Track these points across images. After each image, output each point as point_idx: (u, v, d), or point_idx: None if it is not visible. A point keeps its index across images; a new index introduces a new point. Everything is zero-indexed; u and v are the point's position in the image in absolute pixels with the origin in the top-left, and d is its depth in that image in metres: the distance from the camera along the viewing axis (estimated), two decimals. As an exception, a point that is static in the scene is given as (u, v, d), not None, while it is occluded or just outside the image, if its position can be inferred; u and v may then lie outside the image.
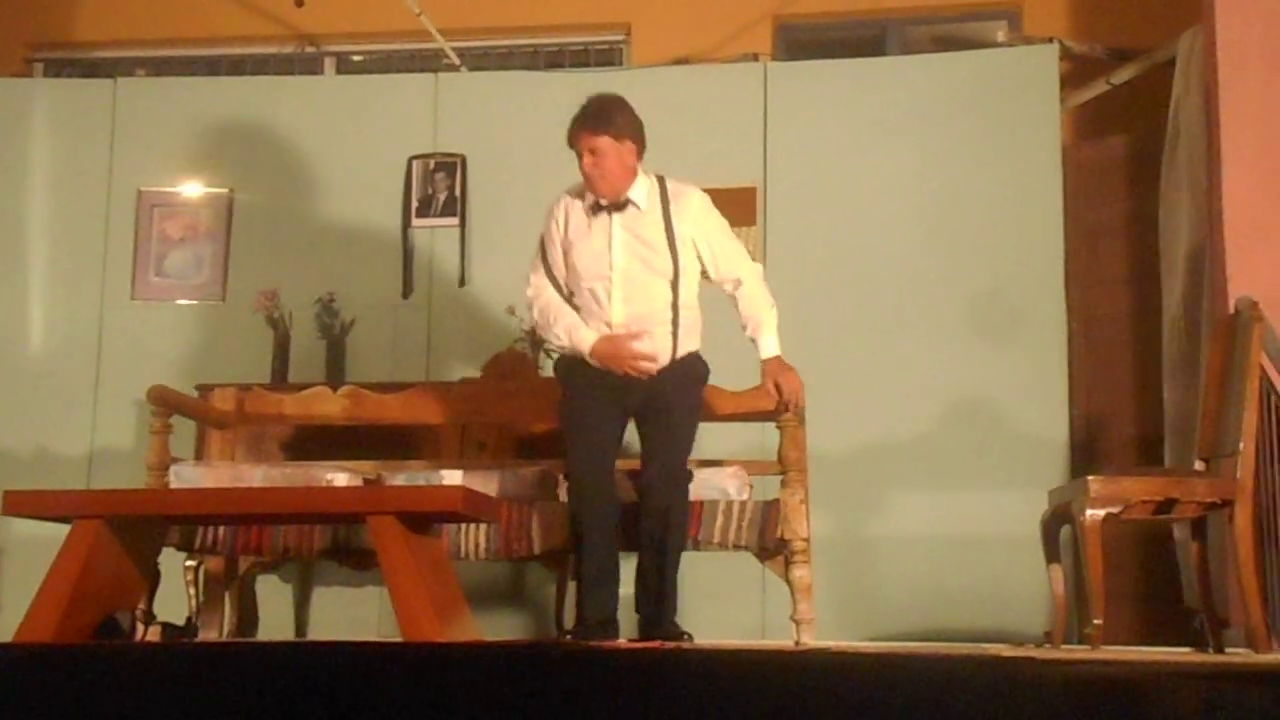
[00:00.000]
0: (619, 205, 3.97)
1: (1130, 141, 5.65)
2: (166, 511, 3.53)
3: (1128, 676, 2.22)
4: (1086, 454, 5.43)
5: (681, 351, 4.01)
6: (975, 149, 5.65)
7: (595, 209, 3.98)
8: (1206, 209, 4.98)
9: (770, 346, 4.09)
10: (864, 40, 6.32)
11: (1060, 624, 4.25)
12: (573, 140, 3.96)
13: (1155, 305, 5.41)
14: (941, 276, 5.60)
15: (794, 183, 5.77)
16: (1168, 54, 5.38)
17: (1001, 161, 5.61)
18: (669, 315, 3.98)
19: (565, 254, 4.02)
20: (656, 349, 3.95)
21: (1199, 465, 4.15)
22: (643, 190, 3.98)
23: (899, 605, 5.31)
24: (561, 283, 4.05)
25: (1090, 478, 3.95)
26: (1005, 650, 3.70)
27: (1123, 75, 5.69)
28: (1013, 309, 5.47)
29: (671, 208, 4.00)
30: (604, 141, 3.91)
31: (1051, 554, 4.26)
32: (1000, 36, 5.92)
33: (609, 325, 3.94)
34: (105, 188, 5.92)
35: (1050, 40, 5.75)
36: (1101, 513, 3.88)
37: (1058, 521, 4.23)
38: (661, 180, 4.05)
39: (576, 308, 4.01)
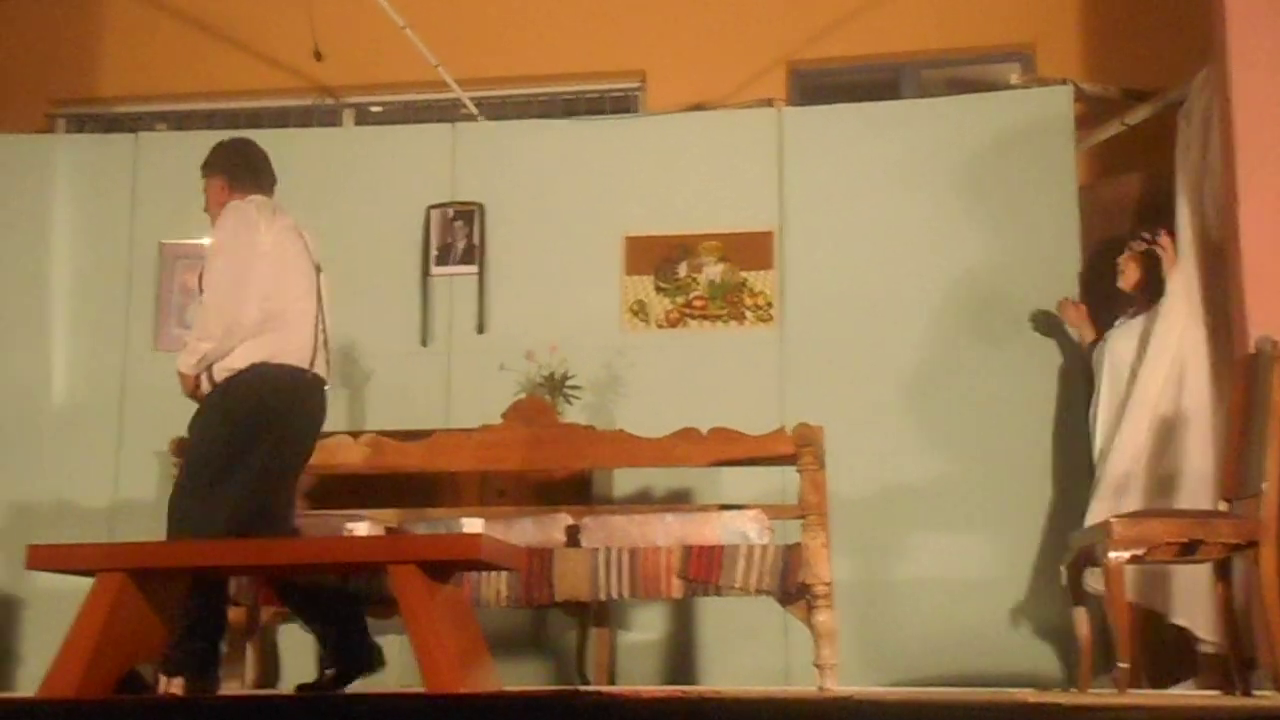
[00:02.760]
0: None
1: (1146, 179, 5.66)
2: (189, 563, 3.54)
3: (1156, 722, 2.21)
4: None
5: (206, 386, 3.96)
6: (992, 190, 5.68)
7: None
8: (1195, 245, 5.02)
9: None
10: (878, 84, 6.37)
11: (1086, 668, 4.22)
12: None
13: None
14: (959, 317, 5.61)
15: (811, 226, 5.80)
16: (1181, 94, 5.40)
17: (1018, 202, 5.63)
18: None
19: None
20: None
21: (1222, 506, 4.13)
22: None
23: (922, 649, 5.28)
24: None
25: (1114, 519, 3.93)
26: (1031, 695, 3.68)
27: (1137, 116, 5.72)
28: (1035, 349, 5.47)
29: None
30: (204, 184, 4.20)
31: (1077, 597, 4.24)
32: (1014, 79, 5.95)
33: None
34: (128, 241, 5.98)
35: (1064, 82, 5.79)
36: (1126, 554, 3.86)
37: (1082, 564, 4.22)
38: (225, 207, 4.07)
39: None
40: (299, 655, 5.47)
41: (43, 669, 3.44)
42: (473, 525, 3.88)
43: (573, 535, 4.52)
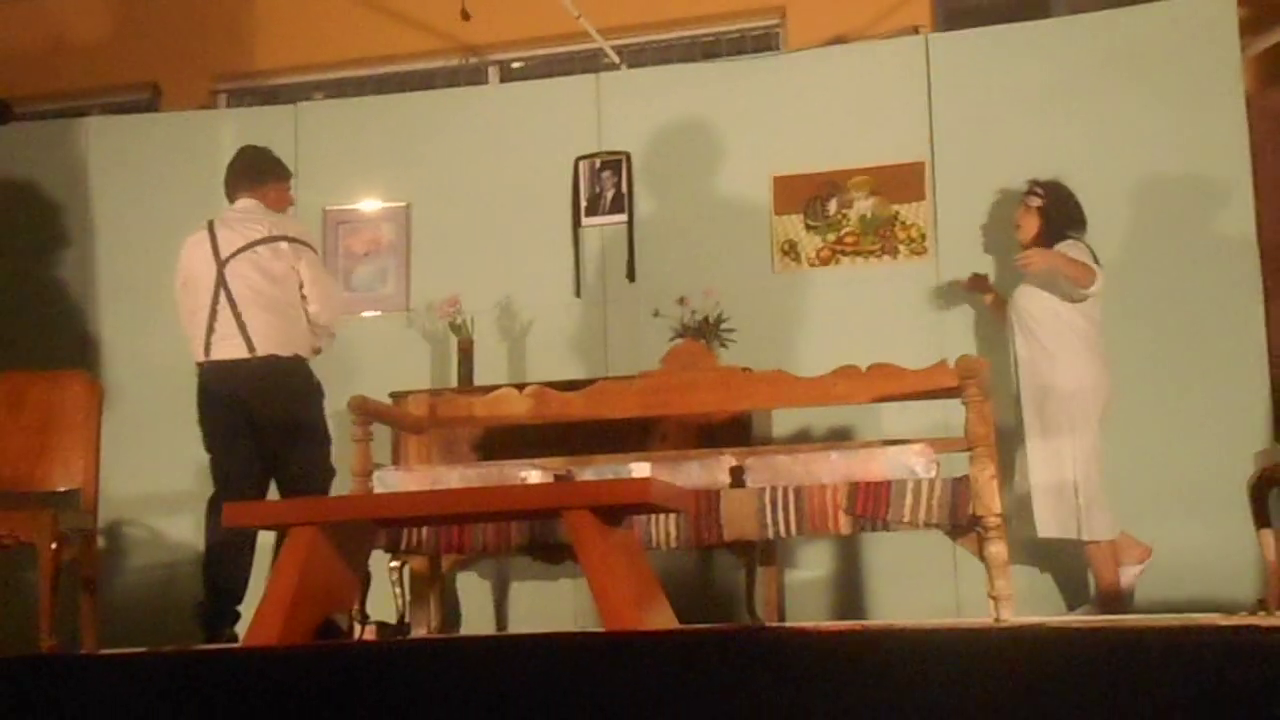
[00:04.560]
0: None
1: (1319, 84, 5.38)
2: (376, 515, 3.66)
3: (1362, 641, 2.13)
4: (1291, 414, 5.20)
5: None
6: (1152, 106, 5.46)
7: None
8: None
9: None
10: (1028, 3, 6.16)
11: (1274, 590, 4.09)
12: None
13: (1356, 253, 5.15)
14: (1124, 238, 5.43)
15: (963, 154, 5.66)
16: (1356, -10, 5.11)
17: (1182, 117, 5.40)
18: None
19: None
20: None
21: None
22: None
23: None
24: None
25: (1300, 437, 3.79)
26: (1219, 619, 3.58)
27: (1308, 16, 5.44)
28: (1206, 269, 5.27)
29: None
30: None
31: (1261, 519, 4.11)
32: (1173, -13, 5.69)
33: None
34: (293, 209, 6.16)
35: (1227, -15, 5.52)
36: (1314, 472, 3.73)
37: (1266, 484, 4.08)
38: None
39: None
40: (477, 600, 5.65)
41: (238, 624, 3.61)
42: (641, 469, 3.93)
43: (737, 476, 4.52)
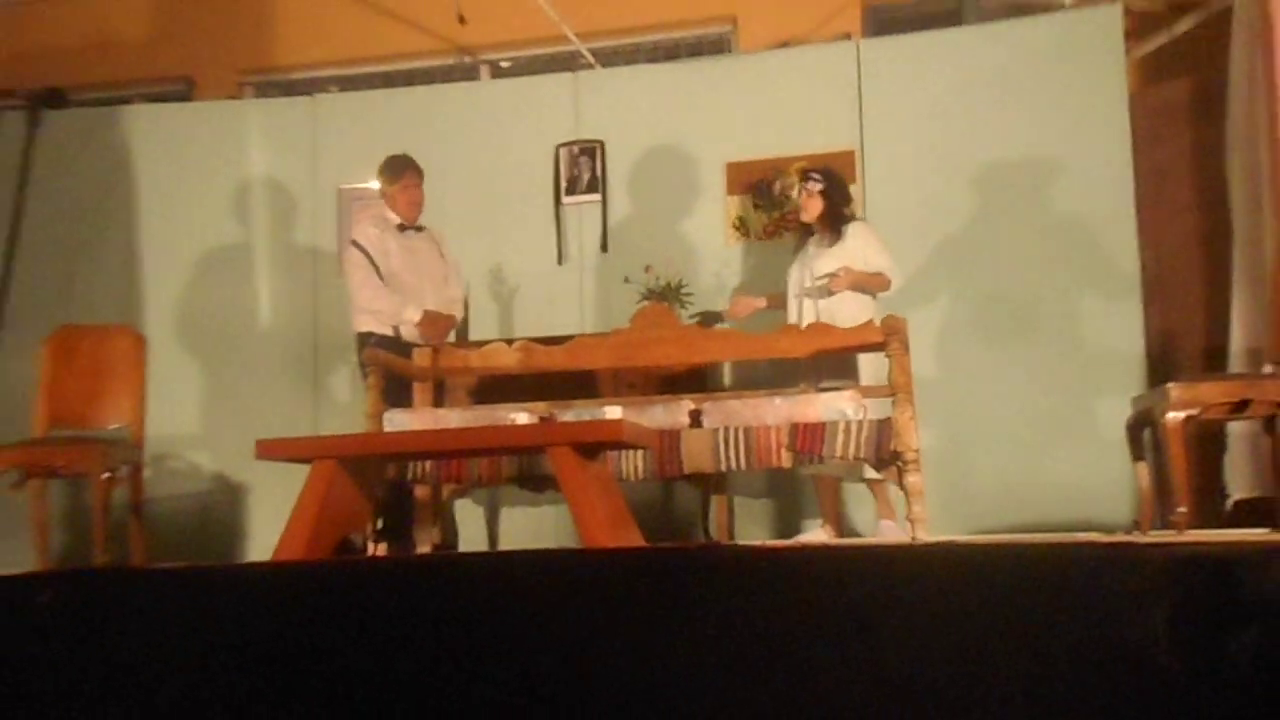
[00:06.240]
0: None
1: (1192, 84, 5.40)
2: (387, 450, 3.65)
3: (1222, 555, 2.16)
4: (1161, 365, 5.27)
5: None
6: (1050, 102, 5.47)
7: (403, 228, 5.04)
8: (1255, 141, 4.77)
9: None
10: (943, 13, 6.14)
11: (1147, 514, 4.15)
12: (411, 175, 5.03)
13: (1219, 231, 5.19)
14: (1024, 215, 5.45)
15: (888, 144, 5.66)
16: (1225, 3, 5.11)
17: (1074, 111, 5.41)
18: None
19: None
20: None
21: (1268, 369, 3.99)
22: None
23: (996, 504, 5.24)
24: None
25: (1171, 384, 3.83)
26: (1098, 537, 3.63)
27: (1183, 25, 5.45)
28: (1091, 241, 5.31)
29: None
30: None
31: (1137, 453, 4.16)
32: (1068, 0, 5.68)
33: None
34: (312, 187, 6.07)
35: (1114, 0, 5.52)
36: (1182, 415, 3.77)
37: (1141, 424, 4.13)
38: None
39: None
40: (473, 524, 5.65)
41: (265, 543, 3.59)
42: (613, 412, 3.92)
43: (695, 418, 4.53)
